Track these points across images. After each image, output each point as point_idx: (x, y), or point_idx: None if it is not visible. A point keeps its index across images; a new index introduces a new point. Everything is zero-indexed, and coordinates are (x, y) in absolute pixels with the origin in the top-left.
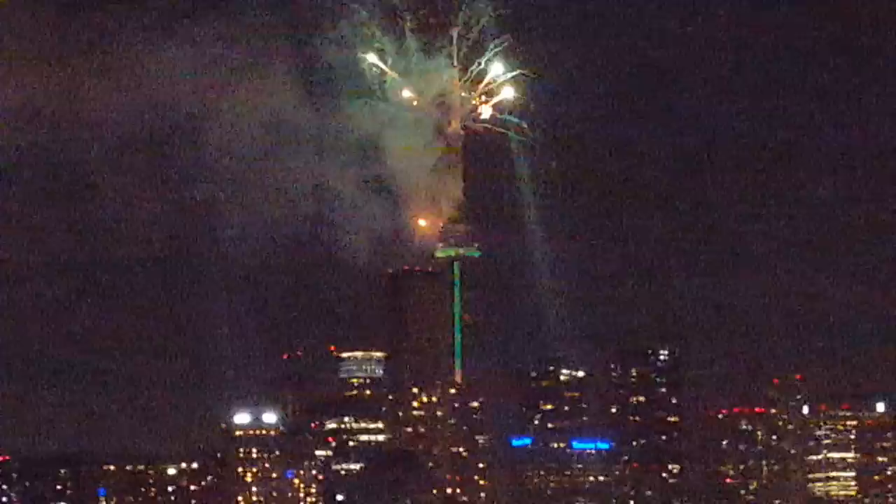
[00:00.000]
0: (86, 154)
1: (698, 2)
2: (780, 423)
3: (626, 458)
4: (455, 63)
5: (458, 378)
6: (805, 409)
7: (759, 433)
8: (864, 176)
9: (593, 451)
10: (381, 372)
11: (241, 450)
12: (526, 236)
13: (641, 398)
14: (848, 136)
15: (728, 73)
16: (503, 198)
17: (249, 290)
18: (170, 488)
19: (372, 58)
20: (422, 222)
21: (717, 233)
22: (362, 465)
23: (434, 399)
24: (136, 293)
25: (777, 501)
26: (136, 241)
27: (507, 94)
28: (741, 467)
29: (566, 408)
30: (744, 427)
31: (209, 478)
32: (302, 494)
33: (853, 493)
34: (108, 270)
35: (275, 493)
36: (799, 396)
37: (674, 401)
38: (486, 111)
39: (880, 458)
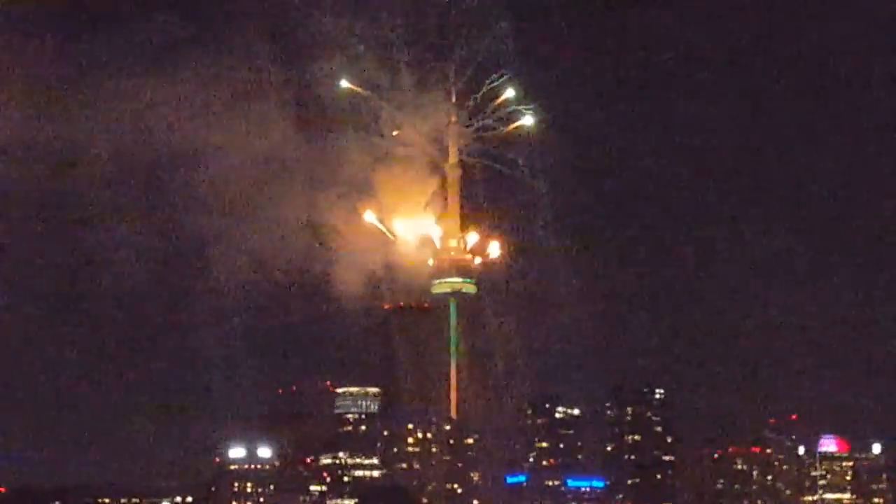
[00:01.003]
0: (78, 186)
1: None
2: (776, 464)
3: (621, 496)
4: (452, 98)
5: (453, 414)
6: (801, 450)
7: (754, 473)
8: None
9: (588, 489)
10: (377, 407)
11: (236, 484)
12: (522, 273)
13: (637, 437)
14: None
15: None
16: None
17: (243, 324)
18: None
19: (366, 92)
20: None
21: (715, 274)
22: (356, 500)
23: (429, 435)
24: (128, 326)
25: None
26: (127, 273)
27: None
28: None
29: (561, 445)
30: (739, 467)
31: None
32: None
33: None
34: (100, 302)
35: None
36: (795, 437)
37: (669, 440)
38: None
39: (876, 500)
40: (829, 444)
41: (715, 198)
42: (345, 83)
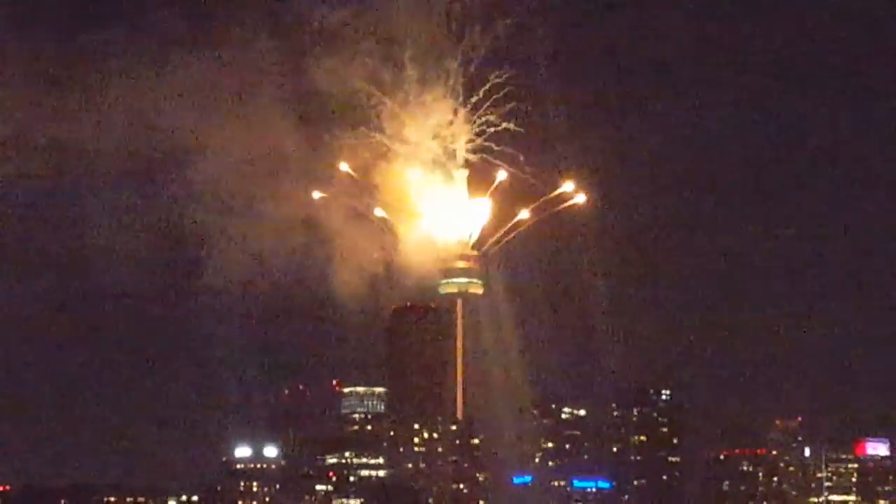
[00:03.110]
0: (77, 183)
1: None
2: (781, 465)
3: (627, 497)
4: (458, 93)
5: (459, 414)
6: (806, 452)
7: (760, 475)
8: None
9: (594, 490)
10: (383, 407)
11: (242, 483)
12: (528, 274)
13: (643, 438)
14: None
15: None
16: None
17: (247, 324)
18: None
19: (367, 88)
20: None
21: (719, 275)
22: (362, 500)
23: (435, 435)
24: (132, 325)
25: None
26: (126, 270)
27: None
28: None
29: (567, 446)
30: (745, 468)
31: None
32: None
33: None
34: (101, 301)
35: None
36: (800, 438)
37: (675, 441)
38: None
39: (881, 502)
40: (834, 446)
41: (721, 200)
42: (344, 167)
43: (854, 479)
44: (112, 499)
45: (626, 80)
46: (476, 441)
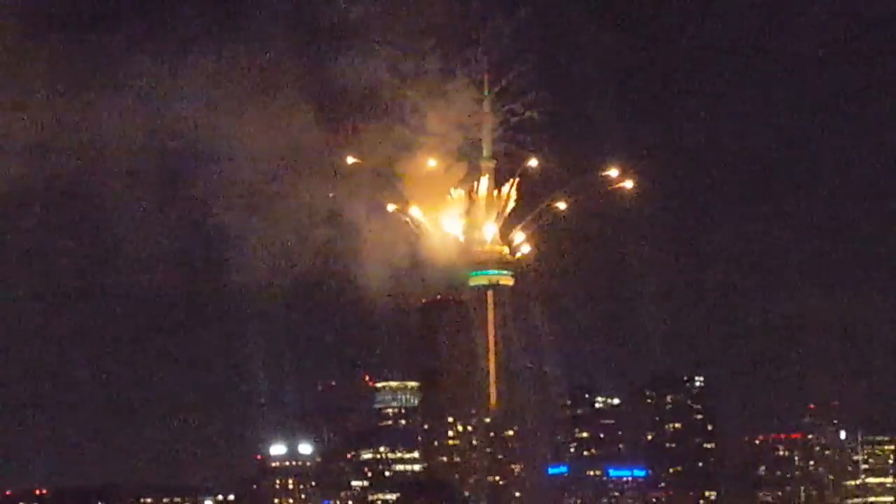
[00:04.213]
0: (99, 183)
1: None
2: (817, 449)
3: (663, 484)
4: (481, 82)
5: (493, 406)
6: (842, 435)
7: (795, 459)
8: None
9: (630, 479)
10: (416, 401)
11: (278, 481)
12: (559, 264)
13: (677, 425)
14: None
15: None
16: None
17: (275, 321)
18: None
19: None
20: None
21: (751, 258)
22: (398, 494)
23: (469, 428)
24: (159, 324)
25: None
26: (150, 269)
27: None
28: (779, 493)
29: (602, 435)
30: (780, 453)
31: None
32: None
33: None
34: (127, 300)
35: None
36: (836, 421)
37: (709, 427)
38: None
39: None
40: (870, 429)
41: (752, 189)
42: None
43: (891, 461)
44: (148, 500)
45: (652, 67)
46: (510, 433)
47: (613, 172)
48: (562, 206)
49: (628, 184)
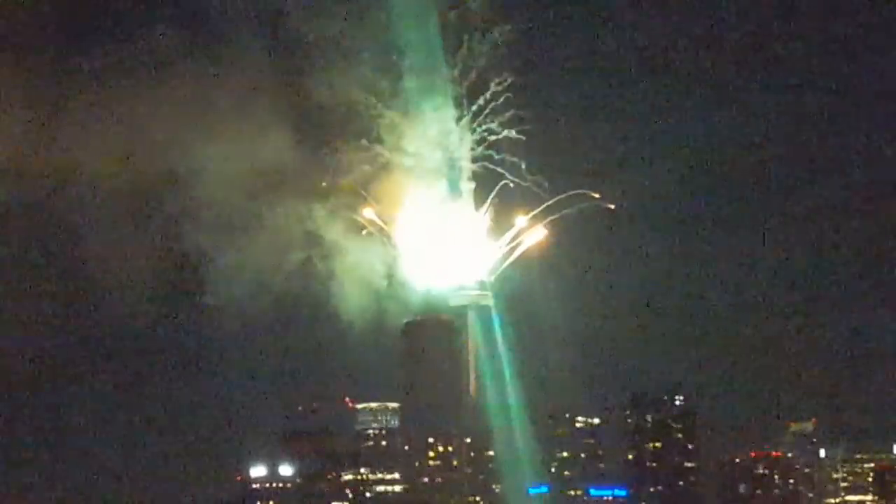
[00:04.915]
0: (74, 205)
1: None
2: (797, 468)
3: None
4: (459, 102)
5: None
6: (822, 453)
7: (776, 477)
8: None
9: (611, 499)
10: (397, 422)
11: (258, 502)
12: (539, 283)
13: (657, 444)
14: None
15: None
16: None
17: (253, 342)
18: None
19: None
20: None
21: (730, 279)
22: None
23: (450, 448)
24: (137, 346)
25: None
26: (126, 291)
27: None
28: None
29: (582, 455)
30: (761, 471)
31: None
32: None
33: None
34: (103, 322)
35: None
36: (815, 440)
37: (690, 446)
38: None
39: None
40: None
41: (733, 207)
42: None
43: (871, 479)
44: None
45: (628, 83)
46: (491, 453)
47: (594, 193)
48: (539, 234)
49: (606, 204)
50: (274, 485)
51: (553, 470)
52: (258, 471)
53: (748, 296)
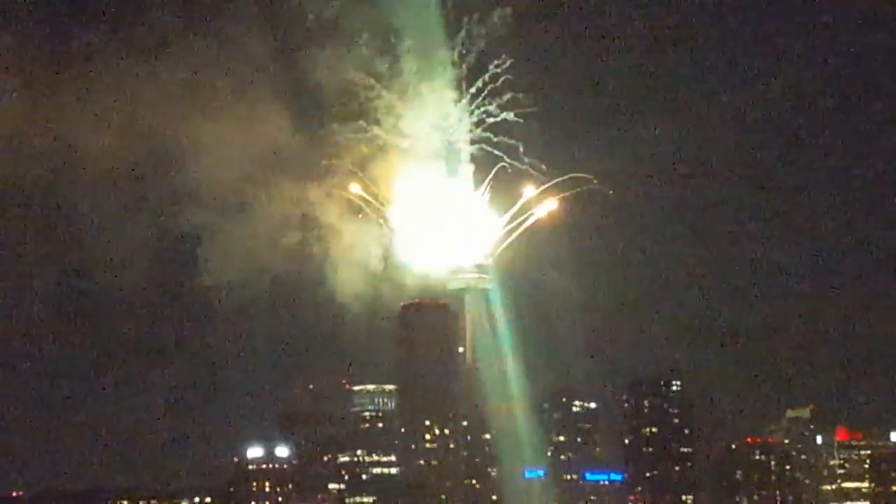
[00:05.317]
0: (71, 184)
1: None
2: (794, 454)
3: (640, 488)
4: (457, 84)
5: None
6: (818, 440)
7: (772, 463)
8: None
9: (607, 483)
10: (393, 405)
11: (255, 483)
12: (537, 267)
13: (654, 429)
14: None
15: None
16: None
17: (250, 323)
18: None
19: (363, 81)
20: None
21: (727, 266)
22: (375, 497)
23: (446, 431)
24: (134, 326)
25: None
26: (123, 271)
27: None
28: (755, 498)
29: (579, 439)
30: (757, 457)
31: None
32: None
33: None
34: (103, 304)
35: None
36: (812, 427)
37: (686, 431)
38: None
39: (894, 488)
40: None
41: (731, 195)
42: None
43: (867, 466)
44: (125, 501)
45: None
46: (487, 436)
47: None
48: (550, 206)
49: (605, 188)
50: (270, 466)
51: (549, 454)
52: (255, 452)
53: (746, 282)
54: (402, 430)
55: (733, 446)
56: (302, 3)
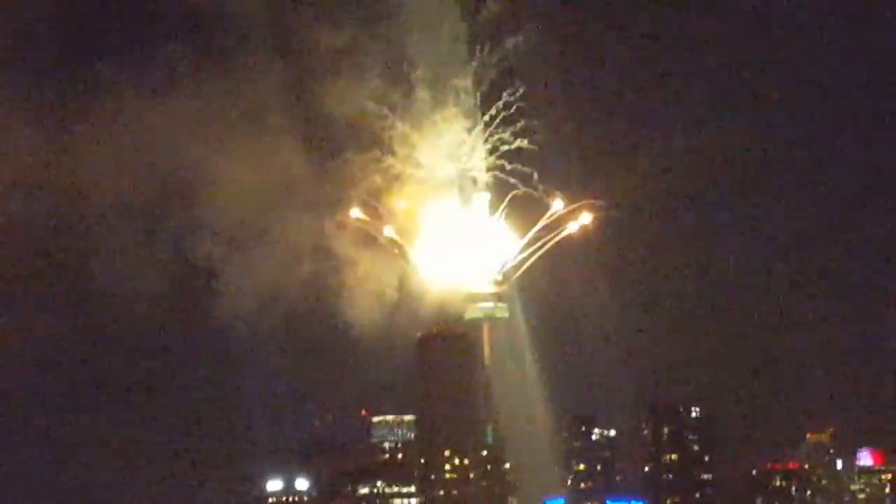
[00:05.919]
0: (83, 218)
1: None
2: (814, 479)
3: None
4: (471, 112)
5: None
6: (839, 465)
7: (793, 489)
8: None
9: None
10: (413, 435)
11: None
12: (554, 295)
13: (674, 456)
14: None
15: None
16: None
17: (270, 355)
18: None
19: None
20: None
21: (747, 290)
22: None
23: (466, 461)
24: (149, 358)
25: None
26: (137, 304)
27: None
28: None
29: (599, 467)
30: (778, 483)
31: None
32: None
33: None
34: (114, 335)
35: None
36: (832, 451)
37: (707, 458)
38: None
39: None
40: (867, 458)
41: (751, 216)
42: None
43: (888, 491)
44: None
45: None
46: (507, 466)
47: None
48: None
49: (621, 214)
50: (290, 499)
51: (569, 483)
52: (274, 485)
53: (765, 306)
54: (422, 460)
55: (754, 472)
56: (315, 34)
